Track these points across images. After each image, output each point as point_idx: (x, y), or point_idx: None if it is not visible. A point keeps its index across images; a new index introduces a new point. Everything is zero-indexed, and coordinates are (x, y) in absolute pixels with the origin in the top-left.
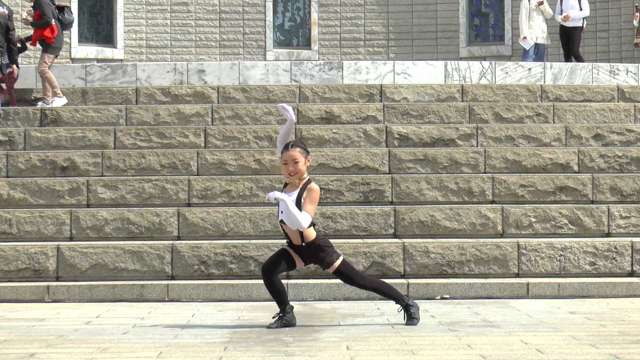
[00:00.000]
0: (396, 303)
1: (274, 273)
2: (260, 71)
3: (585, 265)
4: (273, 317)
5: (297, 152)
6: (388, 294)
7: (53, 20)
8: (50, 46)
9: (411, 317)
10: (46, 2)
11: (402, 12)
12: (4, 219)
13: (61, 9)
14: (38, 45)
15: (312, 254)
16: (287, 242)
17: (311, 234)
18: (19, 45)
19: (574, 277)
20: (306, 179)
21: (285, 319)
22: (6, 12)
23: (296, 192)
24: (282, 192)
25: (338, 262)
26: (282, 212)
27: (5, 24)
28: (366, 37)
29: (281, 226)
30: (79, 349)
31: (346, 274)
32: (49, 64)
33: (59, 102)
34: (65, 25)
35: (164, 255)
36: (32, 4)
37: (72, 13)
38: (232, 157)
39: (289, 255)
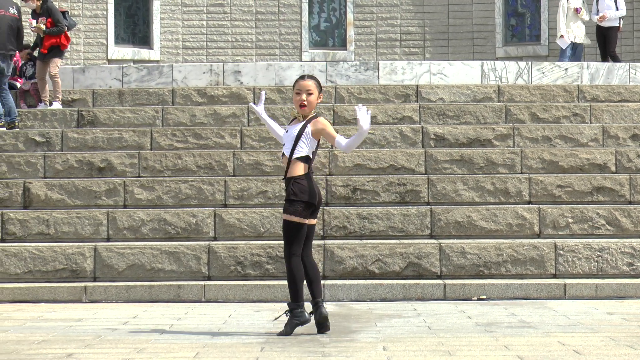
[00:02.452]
0: (288, 304)
1: (299, 254)
2: (296, 72)
3: (623, 266)
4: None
5: (312, 83)
6: (292, 288)
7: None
8: (62, 51)
9: (287, 324)
10: (56, 9)
11: (438, 12)
12: (41, 219)
13: (63, 13)
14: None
15: (287, 190)
16: (284, 178)
17: (298, 169)
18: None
19: (611, 278)
20: (312, 115)
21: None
22: (16, 13)
23: (299, 126)
24: (288, 126)
25: (291, 217)
26: (284, 144)
27: (16, 27)
28: (402, 38)
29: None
30: (116, 349)
31: (284, 232)
32: (58, 69)
33: (56, 105)
34: (71, 27)
35: (200, 256)
36: (38, 12)
37: (72, 17)
38: (268, 157)
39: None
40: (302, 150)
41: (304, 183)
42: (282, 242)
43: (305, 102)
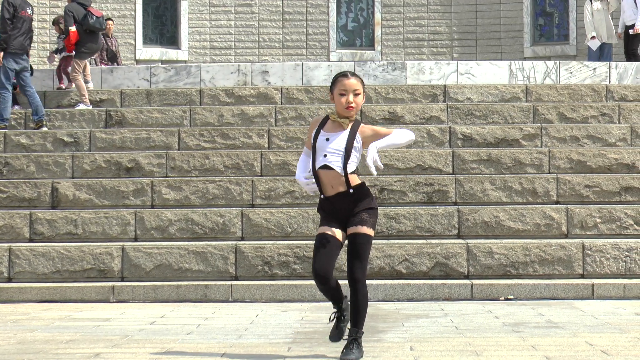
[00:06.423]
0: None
1: (331, 276)
2: (324, 72)
3: None
4: (331, 319)
5: (357, 82)
6: (353, 311)
7: (73, 27)
8: (76, 52)
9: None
10: (66, 12)
11: (465, 12)
12: (69, 219)
13: (85, 14)
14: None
15: (359, 202)
16: (321, 196)
17: (356, 178)
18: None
19: (639, 278)
20: (354, 120)
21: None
22: (31, 13)
23: (345, 135)
24: (320, 131)
25: (372, 232)
26: (325, 155)
27: (30, 26)
28: (430, 38)
29: (317, 175)
30: (144, 349)
31: (365, 250)
32: (79, 70)
33: (81, 107)
34: (92, 28)
35: (227, 256)
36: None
37: (95, 17)
38: (296, 157)
39: (331, 237)
40: (353, 164)
41: (368, 189)
42: (309, 242)
43: (353, 104)
